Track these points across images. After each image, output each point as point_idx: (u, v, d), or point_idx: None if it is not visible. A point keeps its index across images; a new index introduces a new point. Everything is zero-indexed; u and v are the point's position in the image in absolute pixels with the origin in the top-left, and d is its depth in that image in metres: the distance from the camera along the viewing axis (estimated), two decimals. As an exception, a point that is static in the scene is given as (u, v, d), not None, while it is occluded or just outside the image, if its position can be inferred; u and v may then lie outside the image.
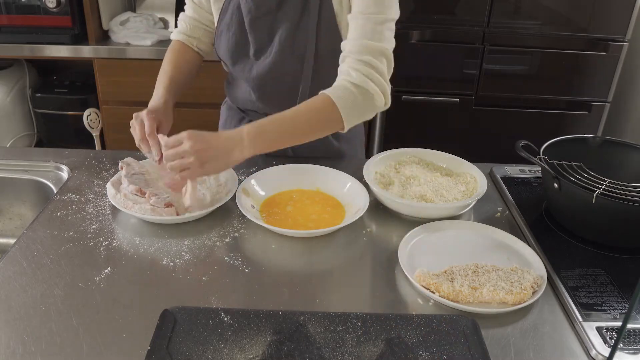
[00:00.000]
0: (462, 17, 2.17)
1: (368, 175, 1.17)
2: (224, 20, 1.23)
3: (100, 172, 1.25)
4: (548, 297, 0.93)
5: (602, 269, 0.98)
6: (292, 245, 1.04)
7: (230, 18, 1.22)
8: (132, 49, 2.21)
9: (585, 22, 2.20)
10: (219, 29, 1.25)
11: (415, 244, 1.02)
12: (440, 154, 1.28)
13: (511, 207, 1.18)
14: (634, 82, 2.48)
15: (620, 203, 0.98)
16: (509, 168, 1.33)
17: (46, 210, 1.10)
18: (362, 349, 0.77)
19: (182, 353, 0.76)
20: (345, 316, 0.83)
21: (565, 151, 1.14)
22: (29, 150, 1.67)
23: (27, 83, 2.43)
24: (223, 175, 1.19)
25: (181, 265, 0.96)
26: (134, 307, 0.87)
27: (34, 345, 0.79)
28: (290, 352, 0.76)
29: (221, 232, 1.06)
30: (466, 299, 0.88)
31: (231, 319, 0.82)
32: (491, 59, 2.23)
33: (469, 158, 1.26)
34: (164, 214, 1.06)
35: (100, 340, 0.80)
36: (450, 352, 0.77)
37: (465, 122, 2.35)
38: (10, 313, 0.84)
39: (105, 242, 1.02)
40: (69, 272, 0.94)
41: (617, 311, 0.88)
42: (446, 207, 1.10)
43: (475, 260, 0.97)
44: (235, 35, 1.22)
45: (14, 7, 2.15)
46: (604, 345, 0.81)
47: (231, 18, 1.22)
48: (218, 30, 1.26)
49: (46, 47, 2.20)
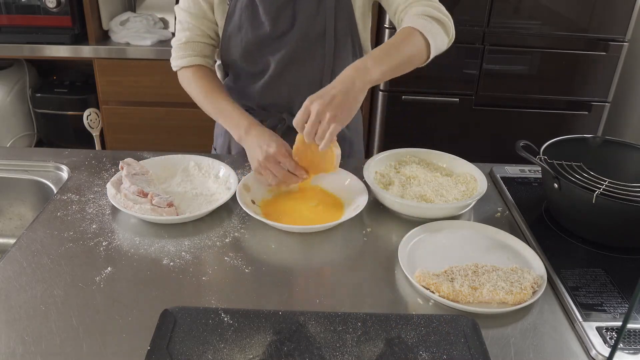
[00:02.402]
0: (462, 17, 2.17)
1: (368, 175, 1.17)
2: (232, 22, 1.22)
3: (100, 172, 1.25)
4: (548, 297, 0.93)
5: (602, 269, 0.98)
6: (292, 245, 1.04)
7: (239, 19, 1.22)
8: (132, 49, 2.22)
9: (585, 22, 2.20)
10: (226, 33, 1.24)
11: (415, 244, 1.02)
12: (440, 154, 1.28)
13: (511, 207, 1.18)
14: (634, 82, 2.48)
15: (620, 203, 0.98)
16: (509, 168, 1.33)
17: (46, 210, 1.11)
18: (362, 349, 0.77)
19: (182, 353, 0.76)
20: (345, 316, 0.83)
21: (565, 151, 1.14)
22: (29, 150, 1.67)
23: (27, 83, 2.43)
24: (223, 171, 1.20)
25: (181, 265, 0.96)
26: (134, 307, 0.86)
27: (34, 345, 0.79)
28: (290, 352, 0.76)
29: (221, 232, 1.06)
30: (466, 299, 0.88)
31: (231, 319, 0.82)
32: (491, 59, 2.23)
33: (469, 158, 1.26)
34: (164, 214, 1.06)
35: (100, 340, 0.80)
36: (450, 352, 0.77)
37: (465, 122, 2.35)
38: (10, 313, 0.84)
39: (105, 242, 1.02)
40: (69, 272, 0.94)
41: (617, 311, 0.88)
42: (446, 207, 1.10)
43: (475, 260, 0.97)
44: (248, 34, 1.22)
45: (14, 7, 2.15)
46: (604, 345, 0.81)
47: (240, 18, 1.22)
48: (225, 35, 1.25)
49: (46, 47, 2.21)
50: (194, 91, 1.26)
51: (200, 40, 1.27)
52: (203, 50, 1.28)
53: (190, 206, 1.12)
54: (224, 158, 1.31)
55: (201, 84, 1.25)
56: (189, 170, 1.23)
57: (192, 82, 1.26)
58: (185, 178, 1.21)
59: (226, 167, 1.21)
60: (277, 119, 1.32)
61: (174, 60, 1.29)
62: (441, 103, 2.28)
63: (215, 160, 1.23)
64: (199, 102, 1.26)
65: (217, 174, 1.21)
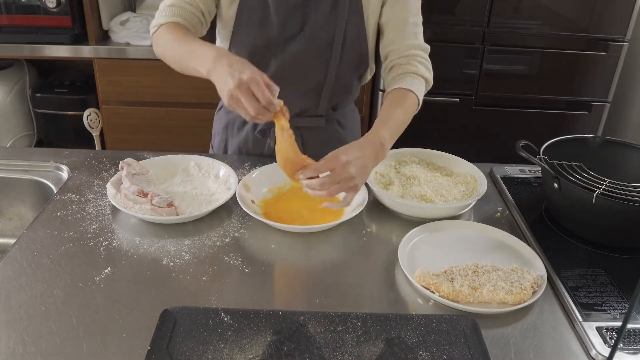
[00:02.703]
0: (462, 17, 2.17)
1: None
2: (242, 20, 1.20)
3: (100, 172, 1.24)
4: (548, 297, 0.93)
5: (602, 269, 0.98)
6: (292, 245, 1.04)
7: (248, 18, 1.20)
8: (132, 49, 2.21)
9: (585, 22, 2.20)
10: (236, 30, 1.22)
11: (415, 244, 1.02)
12: (440, 154, 1.28)
13: (511, 207, 1.18)
14: (634, 82, 2.48)
15: (620, 203, 0.98)
16: (509, 168, 1.33)
17: (46, 210, 1.10)
18: (362, 349, 0.77)
19: (182, 353, 0.76)
20: (345, 316, 0.83)
21: (565, 151, 1.14)
22: (29, 150, 1.67)
23: (27, 83, 2.43)
24: (223, 171, 1.20)
25: (181, 265, 0.96)
26: (134, 307, 0.86)
27: (34, 345, 0.79)
28: (290, 352, 0.76)
29: (221, 232, 1.06)
30: (466, 299, 0.88)
31: (231, 319, 0.82)
32: (491, 59, 2.23)
33: (469, 158, 1.26)
34: (164, 214, 1.06)
35: (100, 340, 0.80)
36: (450, 352, 0.77)
37: (465, 122, 2.35)
38: (10, 313, 0.84)
39: (105, 242, 1.02)
40: (69, 272, 0.94)
41: (617, 311, 0.88)
42: (446, 207, 1.10)
43: (475, 260, 0.97)
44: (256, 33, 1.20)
45: (14, 7, 2.14)
46: (604, 345, 0.81)
47: (250, 17, 1.20)
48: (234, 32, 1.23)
49: (46, 47, 2.20)
50: (166, 44, 1.12)
51: (188, 7, 1.16)
52: (189, 17, 1.16)
53: (190, 206, 1.12)
54: (224, 158, 1.31)
55: (175, 34, 1.11)
56: (189, 170, 1.23)
57: (165, 35, 1.12)
58: (185, 178, 1.21)
59: (226, 167, 1.21)
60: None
61: (154, 20, 1.16)
62: (441, 103, 2.28)
63: (215, 160, 1.23)
64: (171, 55, 1.12)
65: (217, 174, 1.21)
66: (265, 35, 1.20)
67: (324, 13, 1.19)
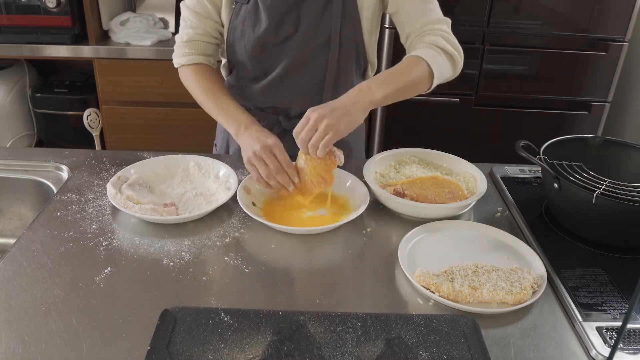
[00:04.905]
0: (462, 17, 2.17)
1: (368, 175, 1.17)
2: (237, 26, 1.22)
3: (100, 172, 1.25)
4: (548, 297, 0.93)
5: (602, 269, 0.98)
6: (292, 245, 1.04)
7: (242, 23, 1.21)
8: (132, 49, 2.21)
9: (585, 22, 2.20)
10: (231, 36, 1.24)
11: (415, 244, 1.02)
12: (440, 154, 1.28)
13: (511, 207, 1.18)
14: (634, 82, 2.48)
15: (620, 203, 0.98)
16: (509, 168, 1.33)
17: (46, 210, 1.10)
18: (362, 349, 0.77)
19: (182, 353, 0.76)
20: (345, 316, 0.83)
21: (565, 151, 1.14)
22: (29, 150, 1.67)
23: (27, 83, 2.43)
24: (223, 171, 1.20)
25: (181, 265, 0.96)
26: (134, 307, 0.86)
27: (34, 345, 0.79)
28: (290, 352, 0.76)
29: (221, 232, 1.06)
30: (466, 299, 0.88)
31: (231, 319, 0.82)
32: (491, 59, 2.23)
33: (469, 158, 1.26)
34: (164, 213, 1.06)
35: (100, 340, 0.80)
36: (450, 352, 0.77)
37: (465, 122, 2.35)
38: (10, 313, 0.84)
39: (105, 242, 1.02)
40: (69, 272, 0.94)
41: (617, 311, 0.88)
42: (446, 207, 1.10)
43: (475, 260, 0.97)
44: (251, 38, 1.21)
45: (14, 7, 2.15)
46: (604, 345, 0.81)
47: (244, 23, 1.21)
48: (230, 38, 1.24)
49: (46, 47, 2.21)
50: (194, 89, 1.26)
51: (203, 39, 1.27)
52: (205, 49, 1.28)
53: (190, 206, 1.12)
54: (224, 158, 1.31)
55: (202, 82, 1.25)
56: (189, 170, 1.23)
57: (193, 81, 1.26)
58: (185, 178, 1.21)
59: (226, 167, 1.21)
60: (274, 121, 1.32)
61: (175, 57, 1.30)
62: (441, 103, 2.28)
63: (215, 160, 1.23)
64: (199, 100, 1.26)
65: (217, 174, 1.21)
66: (260, 39, 1.21)
67: (316, 13, 1.19)
